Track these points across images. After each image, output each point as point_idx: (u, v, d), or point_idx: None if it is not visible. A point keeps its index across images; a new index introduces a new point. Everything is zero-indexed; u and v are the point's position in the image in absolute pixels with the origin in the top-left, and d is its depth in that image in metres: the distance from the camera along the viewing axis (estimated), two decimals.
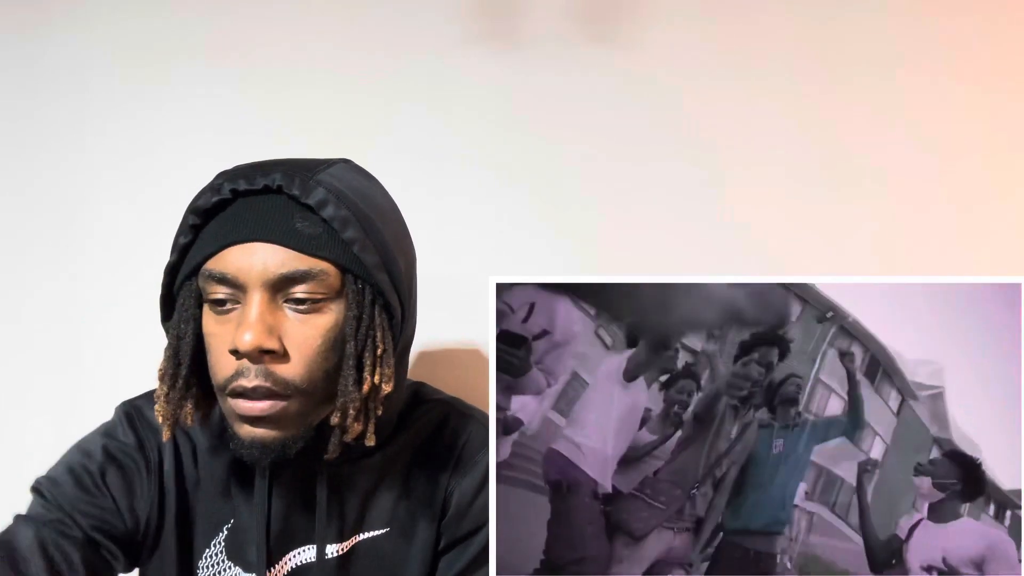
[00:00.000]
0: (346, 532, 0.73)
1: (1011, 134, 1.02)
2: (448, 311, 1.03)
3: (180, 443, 0.74)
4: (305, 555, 0.73)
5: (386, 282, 0.66)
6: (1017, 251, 1.02)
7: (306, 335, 0.64)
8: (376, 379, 0.66)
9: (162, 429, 0.67)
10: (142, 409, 0.75)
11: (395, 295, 0.67)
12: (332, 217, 0.64)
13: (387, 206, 0.71)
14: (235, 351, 0.63)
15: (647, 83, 1.04)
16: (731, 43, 1.04)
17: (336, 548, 0.73)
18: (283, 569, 0.73)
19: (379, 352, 0.66)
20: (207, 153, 1.01)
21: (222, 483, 0.73)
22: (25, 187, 1.09)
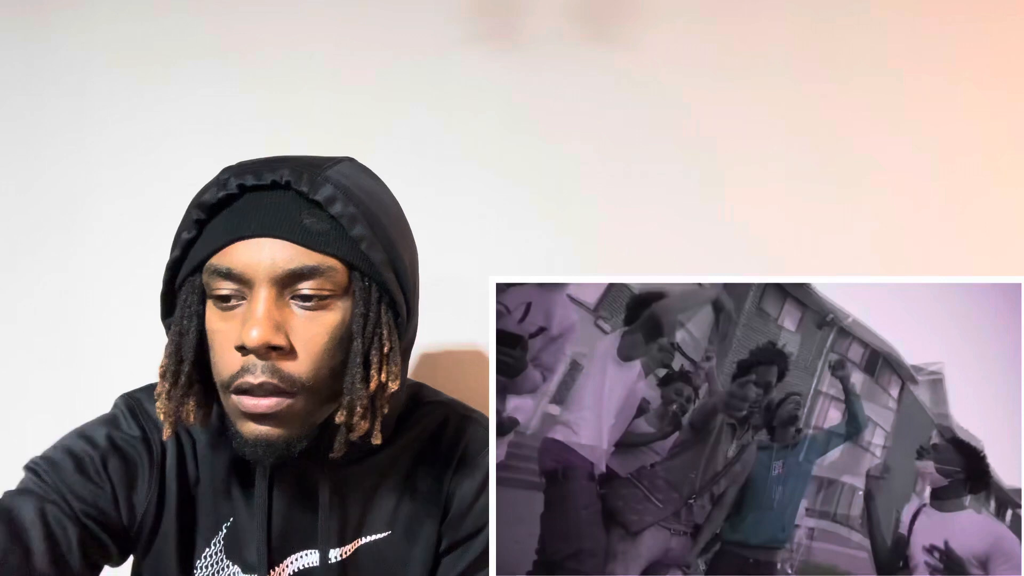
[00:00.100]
0: (348, 536, 0.73)
1: (1011, 134, 1.03)
2: (448, 311, 1.03)
3: (182, 439, 0.73)
4: (307, 559, 0.72)
5: (392, 280, 0.66)
6: (1017, 251, 1.02)
7: (313, 332, 0.64)
8: (383, 377, 0.65)
9: (163, 424, 0.66)
10: (142, 402, 0.74)
11: (400, 293, 0.67)
12: (340, 214, 0.64)
13: (392, 204, 0.71)
14: (241, 347, 0.62)
15: (647, 83, 1.04)
16: (731, 43, 1.04)
17: (338, 552, 0.72)
18: (284, 572, 0.72)
19: (386, 350, 0.65)
20: (207, 153, 1.00)
21: (222, 481, 0.72)
22: (25, 186, 1.09)
